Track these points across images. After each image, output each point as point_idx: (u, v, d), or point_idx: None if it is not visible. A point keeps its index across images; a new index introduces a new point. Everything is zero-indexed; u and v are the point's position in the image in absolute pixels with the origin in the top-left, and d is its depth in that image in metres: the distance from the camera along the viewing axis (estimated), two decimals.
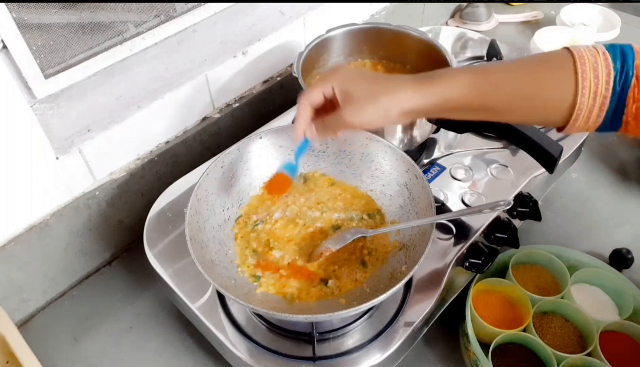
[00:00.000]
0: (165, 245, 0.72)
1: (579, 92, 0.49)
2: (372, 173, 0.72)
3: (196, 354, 0.73)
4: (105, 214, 0.80)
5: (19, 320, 0.77)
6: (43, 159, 0.69)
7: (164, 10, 0.79)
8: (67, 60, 0.71)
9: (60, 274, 0.79)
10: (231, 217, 0.69)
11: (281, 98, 0.98)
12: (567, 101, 0.50)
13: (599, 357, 0.64)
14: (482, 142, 0.85)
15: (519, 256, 0.75)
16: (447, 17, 1.35)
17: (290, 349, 0.63)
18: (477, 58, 1.02)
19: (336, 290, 0.62)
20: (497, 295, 0.73)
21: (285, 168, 0.66)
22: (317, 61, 0.87)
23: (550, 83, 0.51)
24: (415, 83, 0.54)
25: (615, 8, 1.27)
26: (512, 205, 0.61)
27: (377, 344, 0.63)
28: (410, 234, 0.64)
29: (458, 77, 0.53)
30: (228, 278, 0.62)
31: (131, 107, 0.77)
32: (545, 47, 1.09)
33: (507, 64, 0.55)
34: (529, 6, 1.37)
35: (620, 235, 0.86)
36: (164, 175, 0.85)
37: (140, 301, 0.79)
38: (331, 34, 0.86)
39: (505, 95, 0.53)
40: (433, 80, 0.54)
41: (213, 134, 0.90)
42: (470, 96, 0.53)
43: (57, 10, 0.68)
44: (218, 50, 0.87)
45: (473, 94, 0.53)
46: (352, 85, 0.56)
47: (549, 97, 0.51)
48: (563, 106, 0.50)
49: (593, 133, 0.53)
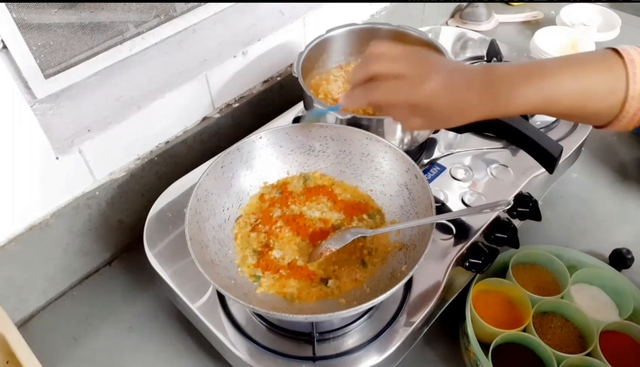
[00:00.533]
0: (165, 245, 0.72)
1: (629, 96, 0.49)
2: (372, 173, 0.72)
3: (196, 354, 0.73)
4: (105, 214, 0.80)
5: (19, 320, 0.77)
6: (43, 159, 0.69)
7: (164, 10, 0.79)
8: (67, 60, 0.71)
9: (60, 274, 0.79)
10: (231, 217, 0.69)
11: (281, 98, 0.98)
12: (616, 105, 0.50)
13: (599, 358, 0.64)
14: (482, 142, 0.85)
15: (519, 256, 0.75)
16: (447, 17, 1.35)
17: (290, 349, 0.63)
18: (477, 58, 1.02)
19: (336, 290, 0.62)
20: (497, 295, 0.73)
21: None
22: (317, 61, 0.87)
23: (603, 88, 0.50)
24: (485, 96, 0.52)
25: (615, 8, 1.27)
26: (512, 205, 0.61)
27: (377, 344, 0.63)
28: (410, 234, 0.64)
29: (526, 95, 0.51)
30: (228, 278, 0.62)
31: (131, 107, 0.77)
32: (545, 47, 1.09)
33: (562, 76, 0.52)
34: (529, 6, 1.37)
35: (620, 235, 0.86)
36: (164, 175, 0.85)
37: (140, 301, 0.79)
38: (331, 34, 0.86)
39: (563, 109, 0.52)
40: (501, 94, 0.52)
41: (213, 134, 0.90)
42: (533, 111, 0.55)
43: (57, 10, 0.68)
44: (218, 50, 0.87)
45: (536, 111, 0.54)
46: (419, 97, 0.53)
47: (600, 101, 0.51)
48: (612, 110, 0.50)
49: (619, 131, 0.53)
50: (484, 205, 0.69)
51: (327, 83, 0.88)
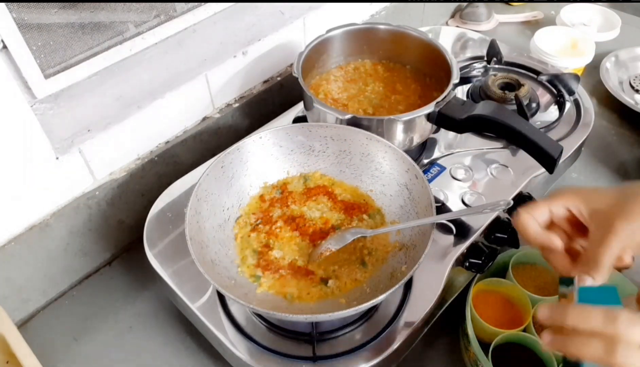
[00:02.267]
0: (165, 245, 0.72)
1: None
2: (372, 173, 0.72)
3: (196, 354, 0.73)
4: (105, 214, 0.80)
5: (19, 320, 0.77)
6: (43, 159, 0.69)
7: (164, 10, 0.79)
8: (67, 60, 0.71)
9: (60, 274, 0.79)
10: (231, 217, 0.69)
11: (281, 98, 0.98)
12: None
13: None
14: (482, 142, 0.85)
15: (519, 256, 0.75)
16: (447, 17, 1.35)
17: (290, 349, 0.63)
18: (477, 58, 1.02)
19: (336, 290, 0.62)
20: (497, 295, 0.73)
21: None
22: (317, 61, 0.87)
23: None
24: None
25: (615, 8, 1.27)
26: (512, 205, 0.61)
27: (377, 344, 0.63)
28: (410, 234, 0.64)
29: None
30: (228, 278, 0.62)
31: (131, 107, 0.77)
32: (545, 47, 1.09)
33: None
34: (529, 6, 1.37)
35: None
36: (164, 175, 0.85)
37: (140, 301, 0.79)
38: (331, 34, 0.86)
39: None
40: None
41: (213, 134, 0.90)
42: None
43: (57, 10, 0.68)
44: (218, 50, 0.87)
45: None
46: (594, 200, 0.49)
47: None
48: None
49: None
50: (484, 205, 0.69)
51: (327, 83, 0.88)
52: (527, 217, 0.51)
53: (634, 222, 0.47)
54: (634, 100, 1.07)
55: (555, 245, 0.50)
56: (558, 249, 0.50)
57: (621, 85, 1.11)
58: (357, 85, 0.88)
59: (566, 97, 0.93)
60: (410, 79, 0.89)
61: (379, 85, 0.87)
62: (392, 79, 0.89)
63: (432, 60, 0.84)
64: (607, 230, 0.47)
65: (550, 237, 0.50)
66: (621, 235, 0.47)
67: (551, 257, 0.51)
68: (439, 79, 0.83)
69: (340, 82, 0.89)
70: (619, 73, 1.14)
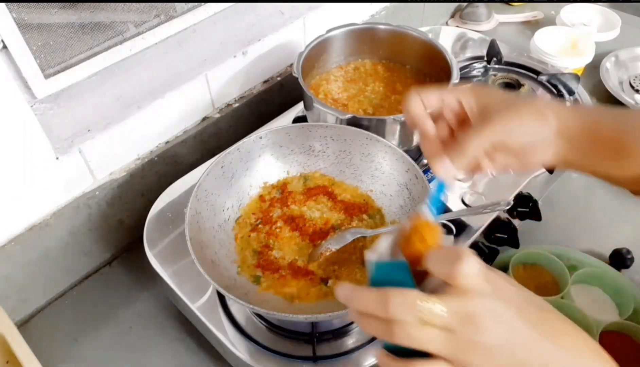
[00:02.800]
0: (165, 245, 0.72)
1: None
2: (372, 173, 0.72)
3: (196, 354, 0.73)
4: (105, 214, 0.80)
5: (19, 320, 0.77)
6: (43, 159, 0.69)
7: (164, 10, 0.79)
8: (67, 60, 0.71)
9: (60, 274, 0.79)
10: (231, 217, 0.69)
11: (281, 98, 0.98)
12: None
13: None
14: None
15: (519, 256, 0.75)
16: (447, 17, 1.35)
17: (290, 349, 0.63)
18: (477, 58, 1.02)
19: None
20: None
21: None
22: (317, 61, 0.87)
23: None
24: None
25: (615, 8, 1.27)
26: (512, 205, 0.61)
27: (377, 344, 0.63)
28: None
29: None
30: (228, 278, 0.62)
31: (131, 107, 0.77)
32: (545, 47, 1.09)
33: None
34: (529, 6, 1.37)
35: (620, 235, 0.85)
36: (164, 175, 0.85)
37: (140, 301, 0.79)
38: (331, 34, 0.86)
39: None
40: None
41: (213, 134, 0.90)
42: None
43: (57, 10, 0.68)
44: (218, 50, 0.87)
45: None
46: (486, 97, 0.49)
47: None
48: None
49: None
50: (484, 205, 0.69)
51: (327, 83, 0.88)
52: (415, 98, 0.50)
53: (511, 121, 0.47)
54: (634, 100, 1.07)
55: (427, 128, 0.50)
56: (429, 133, 0.50)
57: (621, 85, 1.11)
58: (357, 85, 0.88)
59: (566, 97, 0.93)
60: (410, 79, 0.89)
61: (379, 85, 0.88)
62: (392, 79, 0.89)
63: (432, 60, 0.84)
64: (484, 122, 0.47)
65: (425, 121, 0.50)
66: (496, 127, 0.47)
67: (424, 141, 0.51)
68: (439, 79, 0.83)
69: (340, 82, 0.89)
70: (619, 73, 1.14)
